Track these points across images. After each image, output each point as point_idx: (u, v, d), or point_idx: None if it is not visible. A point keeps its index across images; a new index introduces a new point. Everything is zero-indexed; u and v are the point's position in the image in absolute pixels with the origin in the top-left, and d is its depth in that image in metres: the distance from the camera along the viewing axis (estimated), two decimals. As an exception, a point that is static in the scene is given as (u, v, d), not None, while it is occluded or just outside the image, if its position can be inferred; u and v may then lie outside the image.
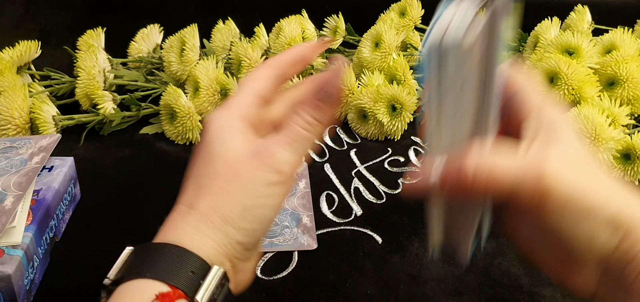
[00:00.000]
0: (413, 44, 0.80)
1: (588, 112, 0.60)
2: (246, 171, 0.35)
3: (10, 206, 0.46)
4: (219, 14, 0.85)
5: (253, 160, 0.35)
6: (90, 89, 0.70)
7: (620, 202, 0.31)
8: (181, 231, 0.35)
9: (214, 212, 0.35)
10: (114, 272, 0.34)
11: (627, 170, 0.61)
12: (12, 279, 0.43)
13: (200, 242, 0.34)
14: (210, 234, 0.34)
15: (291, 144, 0.36)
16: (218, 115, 0.38)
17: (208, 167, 0.36)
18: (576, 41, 0.68)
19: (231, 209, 0.35)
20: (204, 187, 0.36)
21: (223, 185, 0.35)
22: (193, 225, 0.35)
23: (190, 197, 0.36)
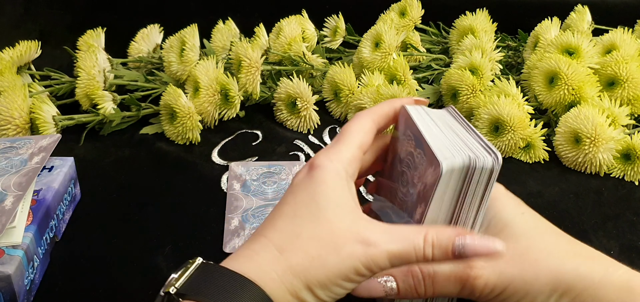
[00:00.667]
0: (413, 44, 0.80)
1: (588, 112, 0.60)
2: (347, 252, 0.34)
3: (10, 206, 0.46)
4: (219, 14, 0.85)
5: (357, 246, 0.34)
6: (90, 89, 0.70)
7: (557, 273, 0.36)
8: (267, 275, 0.34)
9: (303, 273, 0.34)
10: (180, 281, 0.33)
11: (627, 170, 0.61)
12: (12, 279, 0.43)
13: (276, 291, 0.33)
14: (290, 290, 0.34)
15: (397, 259, 0.35)
16: (328, 163, 0.37)
17: (311, 221, 0.35)
18: (576, 41, 0.68)
19: (319, 279, 0.34)
20: (301, 241, 0.35)
21: (322, 253, 0.34)
22: (280, 275, 0.34)
23: (283, 240, 0.35)
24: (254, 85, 0.71)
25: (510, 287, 0.36)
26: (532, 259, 0.36)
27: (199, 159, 0.66)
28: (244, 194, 0.58)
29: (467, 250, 0.34)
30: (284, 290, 0.34)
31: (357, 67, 0.76)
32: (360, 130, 0.39)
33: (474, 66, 0.69)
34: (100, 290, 0.48)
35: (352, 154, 0.38)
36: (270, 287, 0.33)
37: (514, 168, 0.63)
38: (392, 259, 0.35)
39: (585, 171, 0.62)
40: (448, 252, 0.35)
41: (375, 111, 0.41)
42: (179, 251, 0.51)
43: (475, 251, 0.35)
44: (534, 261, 0.36)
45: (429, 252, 0.35)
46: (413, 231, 0.35)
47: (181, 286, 0.33)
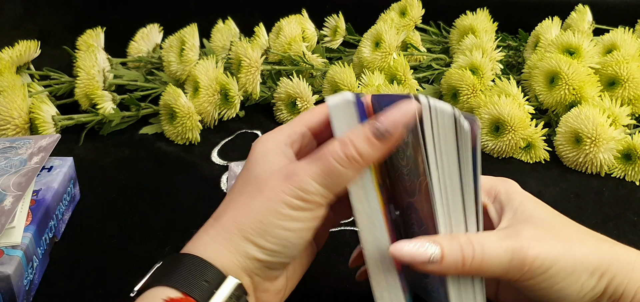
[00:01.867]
0: (413, 43, 0.80)
1: (589, 112, 0.60)
2: (271, 189, 0.35)
3: (10, 206, 0.46)
4: (218, 14, 0.85)
5: (280, 180, 0.35)
6: (89, 88, 0.70)
7: (598, 252, 0.35)
8: (201, 242, 0.35)
9: (234, 225, 0.35)
10: (140, 284, 0.35)
11: (627, 170, 0.61)
12: (12, 280, 0.43)
13: (216, 253, 0.34)
14: (228, 247, 0.34)
15: (323, 177, 0.34)
16: (264, 138, 0.38)
17: (241, 185, 0.36)
18: (577, 41, 0.68)
19: (250, 225, 0.34)
20: (231, 202, 0.36)
21: (247, 200, 0.35)
22: (212, 236, 0.35)
23: (218, 211, 0.37)
24: (254, 85, 0.71)
25: (558, 263, 0.34)
26: (576, 239, 0.36)
27: (198, 159, 0.66)
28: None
29: (385, 123, 0.34)
30: (222, 249, 0.34)
31: (357, 67, 0.76)
32: (310, 112, 0.39)
33: (474, 66, 0.69)
34: (99, 290, 0.47)
35: (292, 128, 0.38)
36: (205, 252, 0.34)
37: (514, 168, 0.63)
38: (317, 178, 0.34)
39: (586, 171, 0.62)
40: (368, 137, 0.34)
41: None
42: (178, 251, 0.51)
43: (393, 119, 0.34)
44: (579, 241, 0.36)
45: (351, 151, 0.34)
46: (329, 144, 0.35)
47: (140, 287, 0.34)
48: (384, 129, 0.34)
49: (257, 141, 0.38)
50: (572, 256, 0.34)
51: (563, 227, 0.37)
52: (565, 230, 0.37)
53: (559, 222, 0.37)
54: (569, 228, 0.37)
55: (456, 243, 0.34)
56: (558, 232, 0.36)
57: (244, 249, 0.34)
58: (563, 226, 0.37)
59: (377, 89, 0.68)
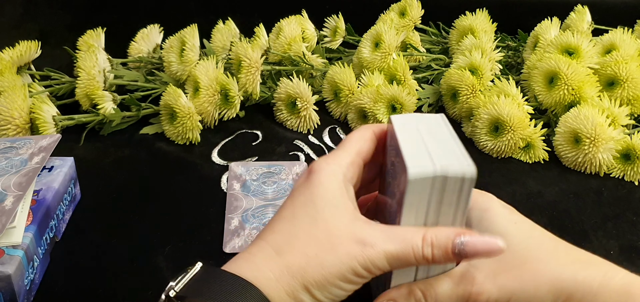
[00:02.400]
0: (413, 44, 0.80)
1: (588, 113, 0.60)
2: (344, 252, 0.34)
3: (11, 206, 0.46)
4: (219, 14, 0.85)
5: (354, 246, 0.35)
6: (90, 89, 0.70)
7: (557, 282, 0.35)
8: (262, 275, 0.34)
9: (300, 273, 0.34)
10: (180, 285, 0.34)
11: (626, 170, 0.61)
12: (12, 279, 0.43)
13: (274, 292, 0.33)
14: (287, 291, 0.34)
15: (395, 259, 0.35)
16: (326, 166, 0.37)
17: (308, 222, 0.36)
18: (576, 41, 0.68)
19: (316, 279, 0.34)
20: (298, 242, 0.35)
21: (318, 252, 0.34)
22: (276, 275, 0.34)
23: (280, 242, 0.35)
24: (254, 86, 0.71)
25: (511, 300, 0.36)
26: (530, 269, 0.36)
27: (198, 159, 0.66)
28: (244, 194, 0.58)
29: (467, 248, 0.34)
30: (281, 290, 0.34)
31: (357, 67, 0.76)
32: (360, 139, 0.40)
33: (473, 66, 0.69)
34: (100, 290, 0.48)
35: (351, 158, 0.38)
36: (267, 288, 0.33)
37: (513, 168, 0.63)
38: (390, 259, 0.34)
39: (585, 171, 0.62)
40: (448, 251, 0.34)
41: (376, 124, 0.42)
42: (179, 251, 0.51)
43: (475, 249, 0.34)
44: (533, 271, 0.36)
45: (428, 252, 0.35)
46: (412, 231, 0.35)
47: (181, 289, 0.33)
48: (465, 254, 0.35)
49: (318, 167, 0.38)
50: (524, 292, 0.35)
51: (529, 251, 0.37)
52: (531, 254, 0.37)
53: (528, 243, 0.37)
54: (535, 250, 0.37)
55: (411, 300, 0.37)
56: (520, 261, 0.36)
57: (300, 297, 0.34)
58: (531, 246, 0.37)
59: (377, 89, 0.68)
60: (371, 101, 0.68)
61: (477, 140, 0.66)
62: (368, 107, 0.68)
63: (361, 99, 0.69)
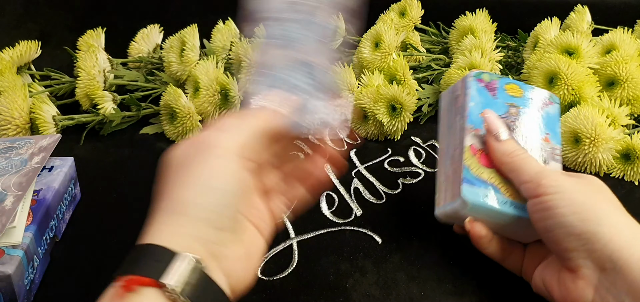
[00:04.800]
0: (413, 44, 0.80)
1: (588, 112, 0.60)
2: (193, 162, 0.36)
3: (11, 206, 0.46)
4: (219, 14, 0.85)
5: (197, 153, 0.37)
6: (90, 89, 0.70)
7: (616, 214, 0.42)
8: (149, 231, 0.35)
9: (175, 201, 0.35)
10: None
11: (626, 170, 0.61)
12: (12, 279, 0.43)
13: (165, 235, 0.34)
14: (173, 223, 0.35)
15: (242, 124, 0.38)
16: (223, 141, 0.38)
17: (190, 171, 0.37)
18: (576, 41, 0.68)
19: (188, 189, 0.35)
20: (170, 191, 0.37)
21: (184, 177, 0.36)
22: (158, 220, 0.35)
23: (162, 190, 0.37)
24: (254, 86, 0.71)
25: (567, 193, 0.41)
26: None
27: (199, 159, 0.66)
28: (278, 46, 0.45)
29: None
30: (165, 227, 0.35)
31: (357, 67, 0.76)
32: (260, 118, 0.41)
33: (474, 66, 0.69)
34: (100, 290, 0.47)
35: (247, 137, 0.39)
36: (151, 236, 0.35)
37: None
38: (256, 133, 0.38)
39: (585, 171, 0.62)
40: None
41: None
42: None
43: None
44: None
45: None
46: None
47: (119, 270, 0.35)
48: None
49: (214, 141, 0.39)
50: (584, 198, 0.41)
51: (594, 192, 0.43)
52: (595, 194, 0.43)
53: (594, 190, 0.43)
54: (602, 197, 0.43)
55: (515, 144, 0.46)
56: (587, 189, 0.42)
57: (188, 216, 0.35)
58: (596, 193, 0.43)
59: (377, 89, 0.68)
60: (371, 101, 0.68)
61: (477, 140, 0.66)
62: (368, 107, 0.68)
63: (361, 99, 0.69)
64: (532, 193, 0.43)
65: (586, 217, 0.40)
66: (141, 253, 0.34)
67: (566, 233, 0.40)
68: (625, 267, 0.37)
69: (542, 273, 0.44)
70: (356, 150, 0.67)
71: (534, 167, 0.44)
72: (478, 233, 0.46)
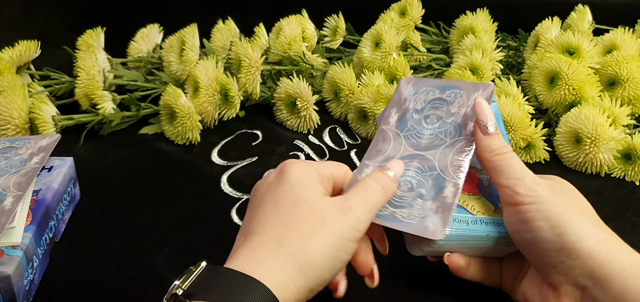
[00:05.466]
0: (413, 43, 0.80)
1: (589, 112, 0.60)
2: (333, 222, 0.37)
3: (10, 206, 0.46)
4: (218, 14, 0.85)
5: (338, 213, 0.37)
6: (89, 89, 0.70)
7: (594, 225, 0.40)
8: (267, 267, 0.35)
9: (303, 255, 0.35)
10: (186, 283, 0.34)
11: (627, 170, 0.61)
12: (12, 280, 0.43)
13: (279, 283, 0.34)
14: (294, 278, 0.35)
15: (369, 203, 0.39)
16: (298, 164, 0.40)
17: (293, 208, 0.37)
18: (577, 41, 0.68)
19: (319, 255, 0.36)
20: (291, 226, 0.36)
21: (312, 229, 0.36)
22: (281, 265, 0.35)
23: (276, 232, 0.36)
24: (254, 85, 0.71)
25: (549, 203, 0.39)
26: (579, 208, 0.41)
27: (198, 159, 0.66)
28: (397, 131, 0.47)
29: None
30: (286, 278, 0.35)
31: (357, 67, 0.76)
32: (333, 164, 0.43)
33: (474, 66, 0.69)
34: (100, 290, 0.47)
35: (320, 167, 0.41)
36: (272, 281, 0.34)
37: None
38: (366, 205, 0.39)
39: (586, 171, 0.62)
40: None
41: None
42: (178, 251, 0.51)
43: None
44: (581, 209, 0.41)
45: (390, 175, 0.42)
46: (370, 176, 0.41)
47: (188, 287, 0.33)
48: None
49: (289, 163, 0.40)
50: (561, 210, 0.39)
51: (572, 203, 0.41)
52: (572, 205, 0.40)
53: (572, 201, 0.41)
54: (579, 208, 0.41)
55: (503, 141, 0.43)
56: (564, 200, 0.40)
57: (306, 279, 0.35)
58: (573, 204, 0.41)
59: (377, 89, 0.68)
60: (371, 101, 0.68)
61: (478, 140, 0.66)
62: (368, 107, 0.68)
63: (361, 99, 0.68)
64: (508, 200, 0.41)
65: (564, 232, 0.38)
66: (245, 284, 0.33)
67: (544, 249, 0.39)
68: (607, 283, 0.36)
69: (523, 288, 0.43)
70: (356, 150, 0.67)
71: (515, 171, 0.41)
72: (457, 265, 0.44)
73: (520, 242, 0.41)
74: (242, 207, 0.57)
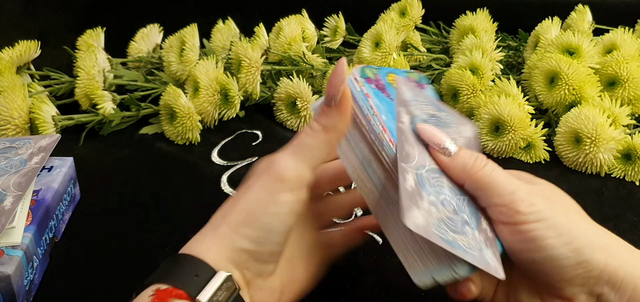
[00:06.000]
0: (413, 43, 0.80)
1: (589, 112, 0.60)
2: (255, 183, 0.37)
3: (10, 206, 0.46)
4: (218, 14, 0.85)
5: (262, 173, 0.37)
6: (89, 89, 0.70)
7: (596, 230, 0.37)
8: (194, 241, 0.37)
9: (222, 220, 0.37)
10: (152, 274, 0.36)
11: (627, 170, 0.61)
12: (12, 280, 0.43)
13: (206, 248, 0.35)
14: (217, 241, 0.36)
15: (295, 152, 0.37)
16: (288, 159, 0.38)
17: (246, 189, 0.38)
18: (577, 41, 0.68)
19: (236, 215, 0.36)
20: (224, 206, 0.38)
21: (236, 199, 0.37)
22: (203, 234, 0.37)
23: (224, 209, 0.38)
24: (254, 85, 0.71)
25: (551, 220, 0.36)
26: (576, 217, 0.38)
27: (198, 159, 0.66)
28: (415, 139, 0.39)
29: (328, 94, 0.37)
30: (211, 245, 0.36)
31: (357, 67, 0.76)
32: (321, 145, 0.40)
33: (474, 66, 0.69)
34: (99, 290, 0.47)
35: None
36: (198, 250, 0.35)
37: (514, 168, 0.62)
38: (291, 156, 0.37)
39: (586, 171, 0.62)
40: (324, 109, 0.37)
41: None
42: (178, 251, 0.51)
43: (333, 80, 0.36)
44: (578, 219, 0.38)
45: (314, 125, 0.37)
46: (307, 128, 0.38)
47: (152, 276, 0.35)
48: (329, 98, 0.36)
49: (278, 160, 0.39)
50: (567, 221, 0.36)
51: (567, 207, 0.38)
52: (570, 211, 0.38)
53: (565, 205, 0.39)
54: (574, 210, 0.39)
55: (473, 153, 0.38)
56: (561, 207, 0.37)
57: (231, 240, 0.36)
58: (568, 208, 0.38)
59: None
60: (371, 101, 0.68)
61: (478, 140, 0.66)
62: (368, 107, 0.68)
63: (361, 99, 0.68)
64: (506, 219, 0.36)
65: (579, 246, 0.35)
66: (184, 263, 0.35)
67: (559, 266, 0.36)
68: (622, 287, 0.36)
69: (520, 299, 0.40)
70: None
71: (504, 185, 0.37)
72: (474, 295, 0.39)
73: (524, 261, 0.37)
74: (242, 207, 0.57)
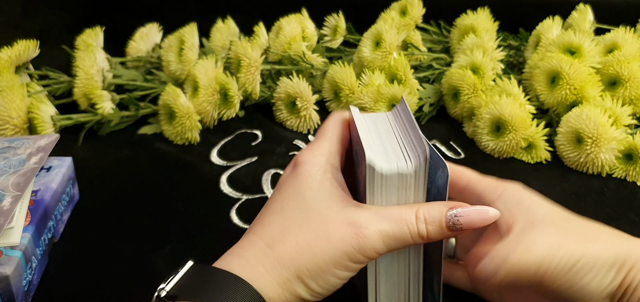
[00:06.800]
0: (414, 43, 0.80)
1: (590, 112, 0.60)
2: (337, 237, 0.34)
3: (9, 206, 0.46)
4: (218, 13, 0.85)
5: (347, 230, 0.34)
6: (88, 88, 0.70)
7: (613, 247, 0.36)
8: (253, 268, 0.34)
9: (292, 264, 0.34)
10: (171, 284, 0.33)
11: (629, 170, 0.60)
12: (11, 280, 0.43)
13: (269, 287, 0.33)
14: (280, 283, 0.34)
15: (391, 240, 0.34)
16: (311, 157, 0.37)
17: (299, 213, 0.35)
18: (578, 41, 0.68)
19: (309, 267, 0.34)
20: (290, 233, 0.35)
21: (310, 241, 0.34)
22: (267, 269, 0.34)
23: (272, 235, 0.35)
24: (254, 85, 0.71)
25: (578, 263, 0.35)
26: (591, 237, 0.36)
27: (198, 159, 0.65)
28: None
29: (462, 219, 0.34)
30: (273, 283, 0.33)
31: (358, 67, 0.76)
32: (336, 125, 0.40)
33: (475, 65, 0.69)
34: (98, 291, 0.47)
35: (333, 146, 0.39)
36: (258, 282, 0.33)
37: (515, 168, 0.63)
38: (386, 238, 0.34)
39: (587, 171, 0.62)
40: (442, 224, 0.35)
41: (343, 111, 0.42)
42: (178, 251, 0.51)
43: (470, 219, 0.34)
44: (594, 238, 0.36)
45: (423, 229, 0.34)
46: (404, 209, 0.35)
47: (172, 289, 0.33)
48: (460, 226, 0.35)
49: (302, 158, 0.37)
50: (591, 254, 0.35)
51: (576, 226, 0.37)
52: (579, 228, 0.37)
53: (571, 221, 0.38)
54: (581, 225, 0.37)
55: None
56: (573, 232, 0.36)
57: (294, 288, 0.34)
58: (576, 223, 0.37)
59: (378, 88, 0.67)
60: (372, 101, 0.67)
61: (479, 140, 0.66)
62: (368, 107, 0.67)
63: (362, 99, 0.68)
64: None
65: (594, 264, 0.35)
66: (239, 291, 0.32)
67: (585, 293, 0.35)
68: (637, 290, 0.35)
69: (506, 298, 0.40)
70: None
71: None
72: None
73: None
74: (242, 208, 0.57)
